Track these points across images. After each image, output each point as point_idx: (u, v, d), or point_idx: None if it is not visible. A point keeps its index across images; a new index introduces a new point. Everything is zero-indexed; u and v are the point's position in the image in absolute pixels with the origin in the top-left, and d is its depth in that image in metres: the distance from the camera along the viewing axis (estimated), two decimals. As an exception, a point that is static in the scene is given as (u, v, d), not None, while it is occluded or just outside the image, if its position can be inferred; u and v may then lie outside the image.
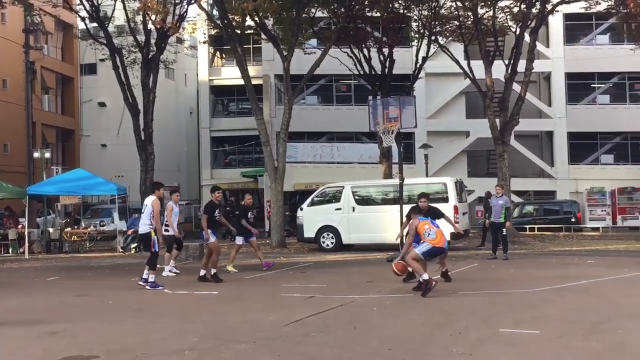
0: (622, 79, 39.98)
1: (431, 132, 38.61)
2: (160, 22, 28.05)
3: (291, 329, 8.80)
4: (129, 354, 7.57)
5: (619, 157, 39.96)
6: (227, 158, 44.64)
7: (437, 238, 11.85)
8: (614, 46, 38.82)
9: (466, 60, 29.43)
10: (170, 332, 8.86)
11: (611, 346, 7.49)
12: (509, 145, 29.38)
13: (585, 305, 10.28)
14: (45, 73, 43.37)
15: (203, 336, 8.43)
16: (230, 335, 8.50)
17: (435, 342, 7.83)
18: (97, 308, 11.35)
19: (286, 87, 26.72)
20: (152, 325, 9.39)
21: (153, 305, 11.44)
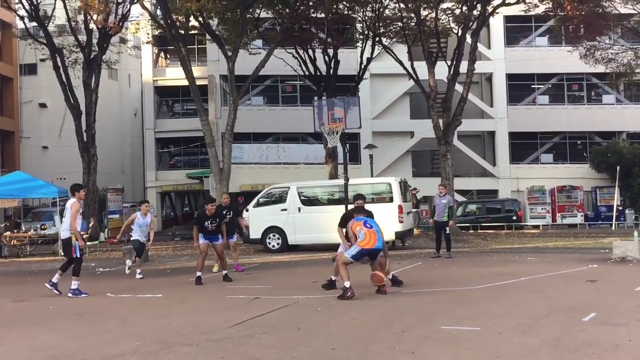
0: (560, 80, 41.04)
1: (376, 132, 38.95)
2: (102, 21, 27.69)
3: (235, 331, 8.78)
4: (69, 359, 7.44)
5: (558, 157, 41.03)
6: (172, 159, 44.20)
7: (365, 239, 11.51)
8: (552, 48, 39.84)
9: (410, 61, 29.79)
10: (112, 336, 8.75)
11: (548, 341, 7.68)
12: (452, 145, 29.84)
13: (525, 302, 10.51)
14: (-18, 73, 42.24)
15: (145, 340, 8.34)
16: (173, 338, 8.43)
17: (379, 341, 7.91)
18: (37, 313, 11.11)
19: (231, 87, 26.60)
20: (93, 330, 9.24)
21: (95, 309, 11.27)
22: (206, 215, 14.54)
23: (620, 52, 33.68)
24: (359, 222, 11.87)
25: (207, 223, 14.51)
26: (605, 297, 10.83)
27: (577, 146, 41.16)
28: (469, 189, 40.16)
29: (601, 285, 12.07)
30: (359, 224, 11.82)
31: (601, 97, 41.61)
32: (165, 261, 21.24)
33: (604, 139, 40.09)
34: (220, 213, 15.19)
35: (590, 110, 40.57)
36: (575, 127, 40.24)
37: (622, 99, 41.10)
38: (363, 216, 12.19)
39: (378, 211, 21.07)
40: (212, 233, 14.60)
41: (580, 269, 14.69)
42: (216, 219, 14.55)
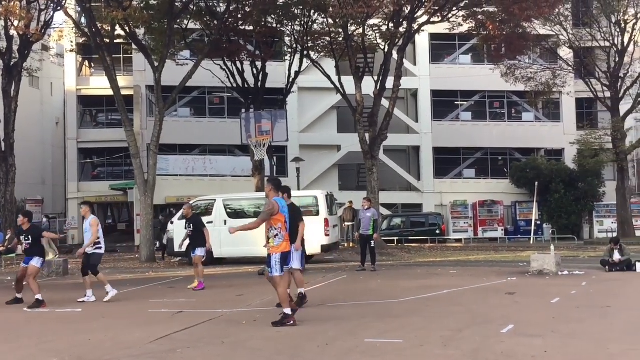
0: (482, 97, 42.16)
1: (303, 145, 39.08)
2: (23, 28, 26.92)
3: (157, 345, 8.65)
4: (-18, 377, 7.19)
5: (480, 172, 42.06)
6: (95, 170, 43.20)
7: (284, 243, 10.07)
8: (475, 66, 40.92)
9: (337, 75, 30.06)
10: (29, 352, 8.48)
11: (468, 352, 7.86)
12: (378, 159, 30.20)
13: (446, 314, 10.72)
14: None
15: (63, 356, 8.12)
16: (92, 354, 8.24)
17: (303, 354, 7.93)
18: (-52, 329, 10.67)
19: (157, 98, 26.23)
20: (8, 347, 8.94)
21: (11, 324, 10.90)
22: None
23: (539, 71, 34.88)
24: (283, 215, 10.15)
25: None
26: (523, 309, 11.16)
27: (498, 162, 42.31)
28: (394, 203, 40.69)
29: (519, 297, 12.44)
30: (283, 218, 10.12)
31: (521, 115, 42.97)
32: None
33: (523, 155, 41.35)
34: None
35: (510, 127, 41.80)
36: (496, 143, 41.39)
37: (540, 116, 42.51)
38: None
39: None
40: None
41: (499, 281, 15.10)
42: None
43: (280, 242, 9.98)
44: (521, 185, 38.85)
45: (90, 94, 41.42)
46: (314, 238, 21.26)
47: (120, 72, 35.96)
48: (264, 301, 12.70)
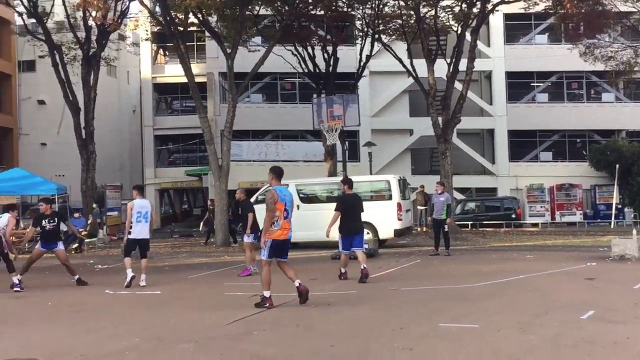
0: (559, 78, 41.02)
1: (375, 130, 38.92)
2: (100, 18, 27.61)
3: (233, 328, 8.78)
4: (67, 356, 7.44)
5: (557, 155, 41.02)
6: (171, 157, 44.15)
7: (279, 231, 10.12)
8: (552, 46, 39.79)
9: (409, 59, 29.75)
10: (111, 333, 8.74)
11: (547, 338, 7.67)
12: (451, 143, 29.82)
13: (523, 299, 10.50)
14: (-20, 70, 42.19)
15: (144, 337, 8.34)
16: (171, 335, 8.42)
17: (377, 338, 7.90)
18: (35, 309, 11.11)
19: (230, 85, 26.55)
20: (92, 326, 9.24)
21: (94, 305, 11.26)
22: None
23: (620, 50, 33.64)
24: (282, 204, 10.10)
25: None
26: (604, 295, 10.83)
27: (576, 144, 41.17)
28: (468, 187, 40.14)
29: (599, 283, 12.08)
30: (283, 205, 10.10)
31: (600, 96, 41.58)
32: (164, 258, 21.23)
33: (603, 137, 40.07)
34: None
35: (589, 109, 40.55)
36: (574, 125, 40.23)
37: (621, 97, 41.09)
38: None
39: (377, 209, 21.25)
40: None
41: (578, 266, 14.70)
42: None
43: (277, 229, 10.04)
44: (601, 168, 37.70)
45: (165, 82, 42.30)
46: (387, 222, 21.25)
47: (193, 59, 36.54)
48: (337, 285, 12.74)
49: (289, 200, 10.21)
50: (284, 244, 10.24)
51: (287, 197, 10.22)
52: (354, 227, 13.55)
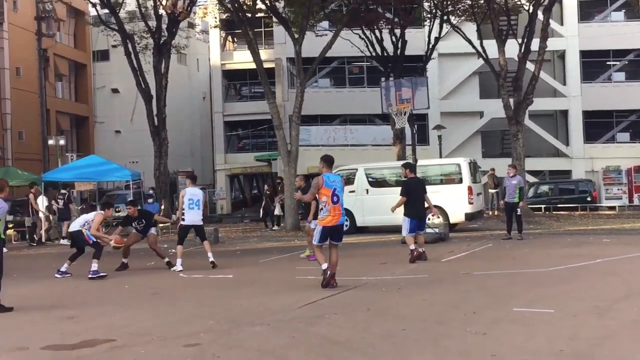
0: (637, 55, 39.57)
1: (444, 112, 38.46)
2: (171, 7, 28.07)
3: (305, 311, 8.84)
4: (144, 337, 7.64)
5: (635, 135, 39.65)
6: (240, 142, 44.68)
7: (329, 217, 10.39)
8: (628, 23, 38.43)
9: (479, 39, 29.23)
10: (186, 315, 8.93)
11: (626, 324, 7.46)
12: (523, 124, 29.24)
13: (600, 284, 10.24)
14: (58, 60, 43.54)
15: (218, 319, 8.49)
16: (244, 317, 8.55)
17: (449, 322, 7.83)
18: (113, 292, 11.44)
19: (298, 70, 26.64)
20: (167, 309, 9.46)
21: (168, 289, 11.52)
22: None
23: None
24: (329, 189, 10.34)
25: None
26: (687, 280, 10.45)
27: (656, 124, 39.69)
28: (541, 170, 39.24)
29: (682, 267, 11.66)
30: (328, 192, 10.33)
31: (682, 73, 39.96)
32: (236, 243, 21.55)
33: (685, 116, 38.53)
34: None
35: (669, 87, 39.01)
36: (653, 104, 38.79)
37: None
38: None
39: (447, 192, 21.04)
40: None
41: (659, 251, 14.21)
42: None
43: (325, 215, 10.35)
44: (681, 148, 36.29)
45: (233, 68, 42.77)
46: (458, 206, 21.03)
47: (261, 45, 36.75)
48: (407, 269, 12.68)
49: (338, 187, 10.44)
50: (334, 230, 10.49)
51: (336, 183, 10.45)
52: (418, 211, 13.96)
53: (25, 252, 21.05)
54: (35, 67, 37.75)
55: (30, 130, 39.94)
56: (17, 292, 11.26)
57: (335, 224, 10.41)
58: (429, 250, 14.44)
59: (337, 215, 10.37)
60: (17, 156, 39.05)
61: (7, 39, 39.56)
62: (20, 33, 39.81)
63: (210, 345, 7.16)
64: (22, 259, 18.73)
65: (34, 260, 18.43)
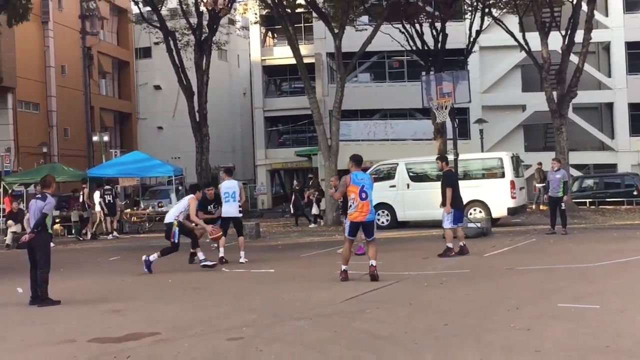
0: (685, 46, 38.61)
1: (486, 106, 38.07)
2: (211, 3, 28.28)
3: (347, 306, 8.85)
4: (188, 330, 7.73)
5: (683, 128, 38.71)
6: (280, 137, 44.80)
7: (355, 212, 10.74)
8: (676, 12, 37.50)
9: (521, 32, 28.85)
10: (228, 309, 9.00)
11: (675, 320, 7.31)
12: (567, 118, 28.79)
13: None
14: (101, 58, 44.24)
15: (260, 313, 8.54)
16: (286, 312, 8.59)
17: (492, 317, 7.76)
18: (156, 287, 11.59)
19: (338, 65, 26.62)
20: (210, 303, 9.56)
21: (211, 283, 11.64)
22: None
23: None
24: (356, 187, 10.73)
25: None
26: None
27: None
28: (585, 164, 38.60)
29: None
30: (356, 188, 10.71)
31: None
32: (277, 237, 21.65)
33: None
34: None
35: None
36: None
37: None
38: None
39: (489, 187, 20.87)
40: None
41: None
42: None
43: (353, 211, 10.71)
44: None
45: (274, 64, 42.86)
46: (500, 201, 20.83)
47: (301, 41, 36.78)
48: (450, 264, 12.59)
49: (367, 184, 10.77)
50: (362, 225, 10.83)
51: (364, 180, 10.80)
52: (459, 203, 14.23)
53: (72, 246, 21.45)
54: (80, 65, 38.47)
55: (75, 127, 40.68)
56: (64, 285, 11.51)
57: (362, 220, 10.74)
58: (470, 245, 14.32)
59: (364, 212, 10.68)
60: (63, 152, 39.83)
61: (53, 37, 40.32)
62: (65, 32, 40.55)
63: (253, 339, 7.22)
64: (69, 253, 19.10)
65: (79, 254, 18.78)
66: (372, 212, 10.81)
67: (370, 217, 10.78)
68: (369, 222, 10.82)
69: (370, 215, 10.76)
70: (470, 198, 20.06)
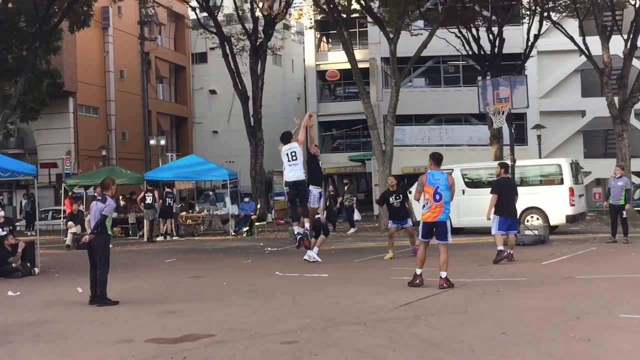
0: None
1: (544, 112, 37.42)
2: (267, 9, 28.52)
3: (401, 312, 8.77)
4: (243, 333, 7.77)
5: None
6: (334, 142, 44.82)
7: (428, 212, 10.54)
8: None
9: (581, 36, 28.25)
10: (283, 312, 9.02)
11: None
12: (629, 124, 28.13)
13: None
14: (159, 63, 45.06)
15: (314, 317, 8.53)
16: (340, 316, 8.56)
17: (551, 327, 7.59)
18: (212, 289, 11.70)
19: (393, 69, 26.51)
20: (264, 306, 9.59)
21: (265, 286, 11.68)
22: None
23: None
24: (431, 187, 10.49)
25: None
26: None
27: None
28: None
29: None
30: (431, 189, 10.48)
31: None
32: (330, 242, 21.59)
33: None
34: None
35: None
36: None
37: None
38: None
39: (547, 194, 20.49)
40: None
41: None
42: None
43: (426, 211, 10.52)
44: None
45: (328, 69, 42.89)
46: (558, 208, 20.43)
47: (356, 45, 36.80)
48: (506, 272, 12.38)
49: (442, 184, 10.52)
50: (434, 226, 10.56)
51: (440, 181, 10.54)
52: (508, 210, 14.05)
53: (129, 247, 21.83)
54: (138, 69, 39.26)
55: (132, 131, 41.49)
56: (123, 286, 11.72)
57: (434, 220, 10.49)
58: (527, 253, 14.08)
59: (437, 212, 10.47)
60: (120, 156, 40.65)
61: (112, 43, 41.22)
62: (124, 37, 41.40)
63: (307, 343, 7.21)
64: (126, 254, 19.43)
65: (136, 255, 19.09)
66: (445, 212, 10.52)
67: (442, 217, 10.50)
68: (442, 222, 10.53)
69: (442, 216, 10.49)
70: (528, 205, 19.75)
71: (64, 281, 13.27)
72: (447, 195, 10.54)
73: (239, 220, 25.96)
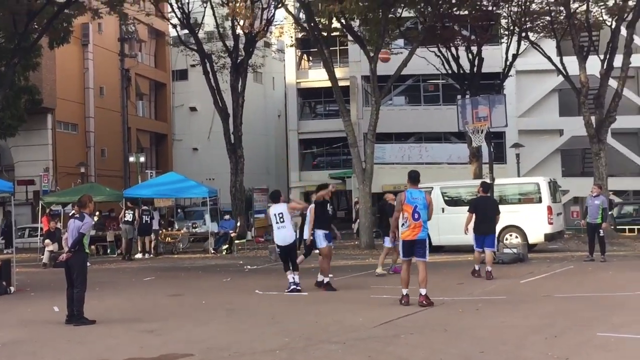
0: None
1: (523, 131, 37.74)
2: (248, 27, 28.51)
3: (381, 330, 8.76)
4: (221, 352, 7.71)
5: None
6: (315, 160, 44.85)
7: (407, 231, 10.64)
8: None
9: (559, 56, 28.58)
10: (261, 331, 8.97)
11: None
12: (606, 143, 28.39)
13: (690, 310, 9.78)
14: (139, 80, 44.94)
15: (293, 336, 8.49)
16: (320, 335, 8.53)
17: (530, 346, 7.61)
18: (190, 308, 11.61)
19: (373, 88, 26.63)
20: (243, 325, 9.53)
21: (245, 305, 11.62)
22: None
23: None
24: (410, 206, 10.58)
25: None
26: None
27: None
28: (625, 190, 37.95)
29: None
30: (410, 208, 10.57)
31: None
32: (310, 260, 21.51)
33: None
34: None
35: None
36: None
37: None
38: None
39: (525, 212, 20.61)
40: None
41: None
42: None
43: (405, 230, 10.60)
44: None
45: (309, 87, 43.07)
46: (537, 226, 20.55)
47: (336, 63, 36.91)
48: (485, 290, 12.42)
49: (420, 203, 10.63)
50: (413, 244, 10.64)
51: (418, 200, 10.64)
52: (484, 228, 14.39)
53: (107, 265, 21.63)
54: (118, 86, 39.05)
55: (112, 148, 41.24)
56: (100, 305, 11.59)
57: (413, 238, 10.60)
58: (506, 271, 14.14)
59: (416, 230, 10.60)
60: (99, 173, 40.35)
61: (92, 59, 41.06)
62: (104, 54, 41.26)
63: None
64: (104, 272, 19.23)
65: (114, 274, 18.91)
66: (424, 230, 10.65)
67: (422, 235, 10.62)
68: (421, 240, 10.64)
69: (422, 233, 10.62)
70: (507, 223, 19.84)
71: (41, 300, 13.11)
72: (425, 214, 10.67)
73: (218, 238, 25.84)
